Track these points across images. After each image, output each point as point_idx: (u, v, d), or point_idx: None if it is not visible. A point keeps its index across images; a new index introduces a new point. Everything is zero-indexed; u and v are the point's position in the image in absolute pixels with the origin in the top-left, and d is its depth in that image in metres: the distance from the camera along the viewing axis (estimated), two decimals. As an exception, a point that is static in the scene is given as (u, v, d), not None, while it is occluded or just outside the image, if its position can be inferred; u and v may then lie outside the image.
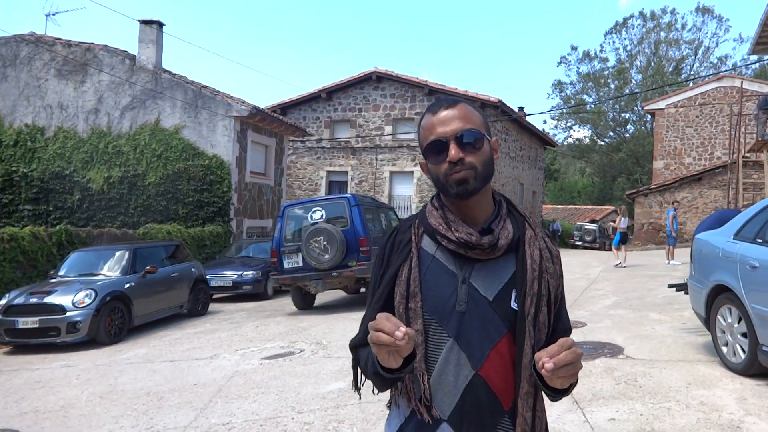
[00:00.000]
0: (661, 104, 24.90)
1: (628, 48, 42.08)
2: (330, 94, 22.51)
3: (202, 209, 15.25)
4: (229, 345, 7.38)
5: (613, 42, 45.96)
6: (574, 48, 59.37)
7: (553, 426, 3.75)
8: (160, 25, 15.84)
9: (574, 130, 52.98)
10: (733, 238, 4.92)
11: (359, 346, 1.33)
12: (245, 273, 12.64)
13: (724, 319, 4.92)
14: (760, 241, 4.59)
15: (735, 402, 4.15)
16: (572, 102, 42.17)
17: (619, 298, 9.20)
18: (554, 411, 3.99)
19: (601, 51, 45.88)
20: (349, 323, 8.34)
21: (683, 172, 23.38)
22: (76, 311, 7.92)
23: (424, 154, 1.31)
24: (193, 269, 10.68)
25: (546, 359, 1.09)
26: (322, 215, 9.99)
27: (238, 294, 12.75)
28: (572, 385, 1.22)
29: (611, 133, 44.10)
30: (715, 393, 4.36)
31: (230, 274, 12.62)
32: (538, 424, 1.27)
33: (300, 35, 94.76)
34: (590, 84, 42.86)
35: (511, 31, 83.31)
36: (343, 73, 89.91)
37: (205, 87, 15.76)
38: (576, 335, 6.06)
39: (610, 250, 15.62)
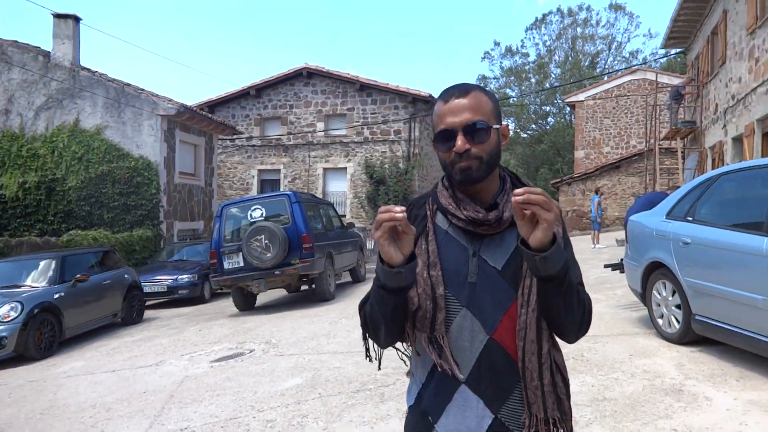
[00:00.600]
0: (581, 96, 26.15)
1: (548, 43, 43.84)
2: (259, 90, 22.05)
3: (130, 213, 14.57)
4: (174, 350, 7.12)
5: (534, 38, 48.21)
6: (497, 43, 61.47)
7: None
8: (77, 19, 14.91)
9: (498, 123, 54.61)
10: (665, 218, 5.27)
11: (366, 302, 1.41)
12: (180, 277, 12.21)
13: (659, 293, 5.27)
14: (690, 219, 4.94)
15: (674, 368, 4.46)
16: (496, 96, 43.42)
17: (555, 281, 9.60)
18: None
19: (522, 46, 47.40)
20: (296, 320, 8.24)
21: (602, 160, 24.67)
22: (1, 326, 7.38)
23: (435, 141, 1.36)
24: (125, 275, 10.21)
25: (518, 191, 1.13)
26: (261, 213, 9.80)
27: (173, 299, 12.30)
28: (558, 255, 1.16)
29: (533, 126, 45.84)
30: (656, 361, 4.67)
31: (164, 279, 12.16)
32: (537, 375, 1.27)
33: (227, 30, 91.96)
34: (513, 78, 44.35)
35: (436, 27, 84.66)
36: (273, 69, 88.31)
37: (128, 85, 15.02)
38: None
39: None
